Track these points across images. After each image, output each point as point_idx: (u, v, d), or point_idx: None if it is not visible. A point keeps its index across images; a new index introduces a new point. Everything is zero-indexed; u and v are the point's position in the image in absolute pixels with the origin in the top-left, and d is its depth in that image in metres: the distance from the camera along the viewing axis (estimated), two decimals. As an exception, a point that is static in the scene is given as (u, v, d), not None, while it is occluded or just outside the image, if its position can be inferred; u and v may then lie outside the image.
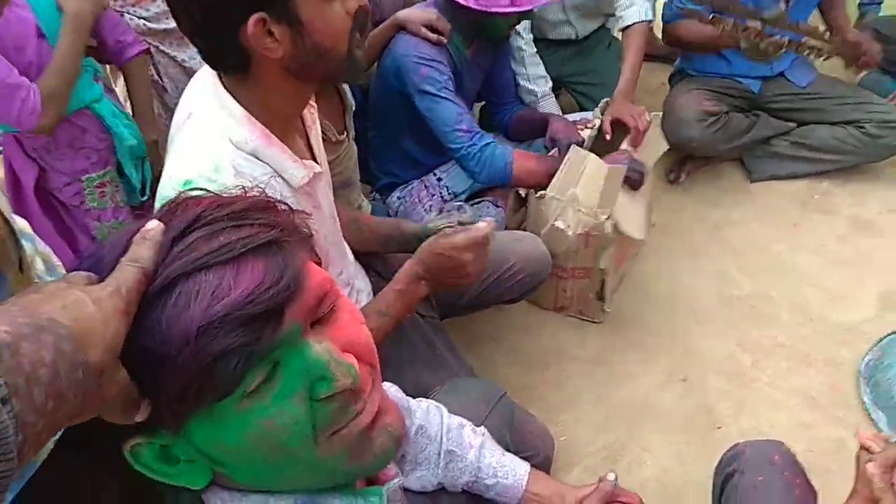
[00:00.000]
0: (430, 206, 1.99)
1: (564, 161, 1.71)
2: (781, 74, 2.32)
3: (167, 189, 0.98)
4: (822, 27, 2.19)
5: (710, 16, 2.03)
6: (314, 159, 1.14)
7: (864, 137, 2.24)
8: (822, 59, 2.21)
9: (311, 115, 1.18)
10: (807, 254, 2.16)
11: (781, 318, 1.97)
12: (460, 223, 1.28)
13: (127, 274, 0.45)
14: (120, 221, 1.41)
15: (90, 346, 0.40)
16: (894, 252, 2.14)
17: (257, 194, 0.55)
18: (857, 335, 1.90)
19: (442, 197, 2.02)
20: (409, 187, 2.08)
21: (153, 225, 0.48)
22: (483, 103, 2.30)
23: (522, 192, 1.80)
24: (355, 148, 1.76)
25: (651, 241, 2.18)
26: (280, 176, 1.00)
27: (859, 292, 2.03)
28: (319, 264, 0.56)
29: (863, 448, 1.08)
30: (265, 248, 0.49)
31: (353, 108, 1.67)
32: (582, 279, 1.80)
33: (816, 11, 2.33)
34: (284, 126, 1.05)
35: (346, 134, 1.68)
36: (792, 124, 2.36)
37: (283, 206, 0.55)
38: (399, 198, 2.08)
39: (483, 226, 1.17)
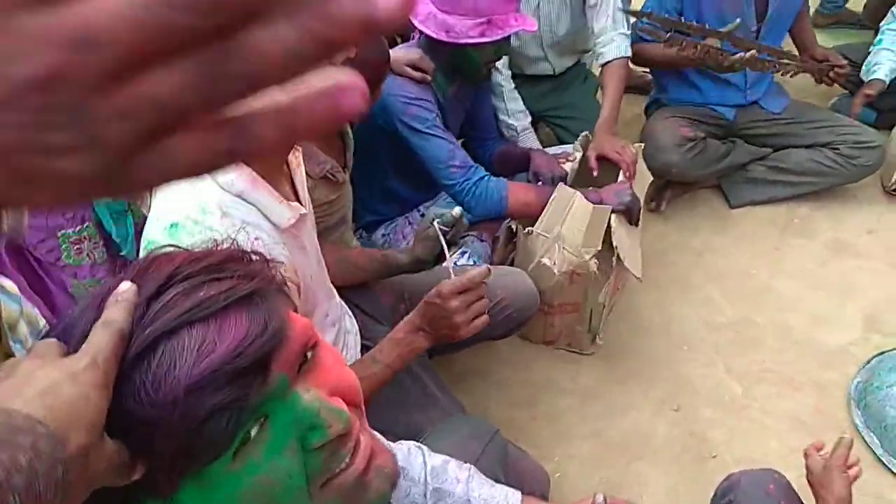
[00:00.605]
0: (415, 242, 1.99)
1: (551, 198, 1.73)
2: (755, 103, 2.37)
3: (154, 232, 0.97)
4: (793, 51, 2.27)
5: (668, 35, 2.07)
6: (299, 201, 1.14)
7: (840, 159, 2.29)
8: (789, 75, 2.27)
9: (296, 157, 1.18)
10: (788, 278, 2.18)
11: (767, 342, 1.98)
12: (439, 225, 1.29)
13: (102, 340, 0.44)
14: (98, 279, 1.39)
15: (72, 430, 0.39)
16: (876, 273, 2.17)
17: (230, 247, 0.54)
18: (843, 357, 1.91)
19: (426, 233, 2.01)
20: (394, 224, 2.08)
21: (126, 286, 0.47)
22: (463, 139, 2.32)
23: (514, 226, 1.81)
24: (350, 186, 1.77)
25: (633, 273, 2.20)
26: (266, 217, 0.99)
27: (843, 315, 2.04)
28: (296, 311, 0.56)
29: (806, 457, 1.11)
30: (246, 299, 0.48)
31: (353, 147, 1.68)
32: (570, 314, 1.80)
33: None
34: (270, 169, 1.05)
35: (346, 172, 1.69)
36: (768, 149, 2.41)
37: (257, 257, 0.54)
38: (384, 235, 2.08)
39: (475, 272, 1.16)
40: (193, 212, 0.95)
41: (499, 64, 2.21)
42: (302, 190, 1.19)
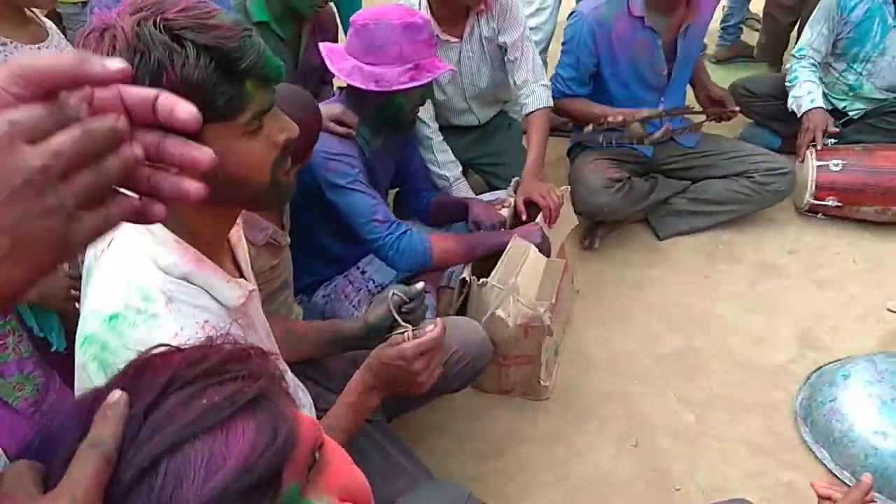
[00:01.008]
0: (358, 300, 1.95)
1: (507, 250, 1.73)
2: (672, 139, 2.48)
3: (91, 326, 0.89)
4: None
5: (601, 139, 2.22)
6: (243, 277, 1.09)
7: (755, 186, 2.41)
8: (700, 128, 2.41)
9: (237, 232, 1.13)
10: (723, 303, 2.25)
11: (712, 368, 2.03)
12: (400, 314, 1.25)
13: (83, 470, 0.39)
14: (27, 374, 1.27)
15: None
16: (801, 291, 2.28)
17: (227, 343, 0.50)
18: (785, 376, 1.98)
19: (368, 290, 1.98)
20: (334, 284, 2.03)
21: (116, 396, 0.42)
22: (397, 190, 2.31)
23: (467, 276, 1.80)
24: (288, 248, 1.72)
25: (579, 308, 2.23)
26: (215, 299, 0.93)
27: (778, 334, 2.12)
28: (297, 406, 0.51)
29: (822, 498, 1.10)
30: (252, 403, 0.44)
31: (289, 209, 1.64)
32: (525, 365, 1.79)
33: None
34: (213, 247, 0.99)
35: (285, 234, 1.65)
36: (687, 182, 2.51)
37: (254, 351, 0.50)
38: (324, 296, 2.02)
39: (431, 332, 1.13)
40: (135, 300, 0.87)
41: (425, 117, 2.24)
42: (245, 265, 1.14)
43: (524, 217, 1.97)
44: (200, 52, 0.77)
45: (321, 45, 1.88)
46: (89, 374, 0.85)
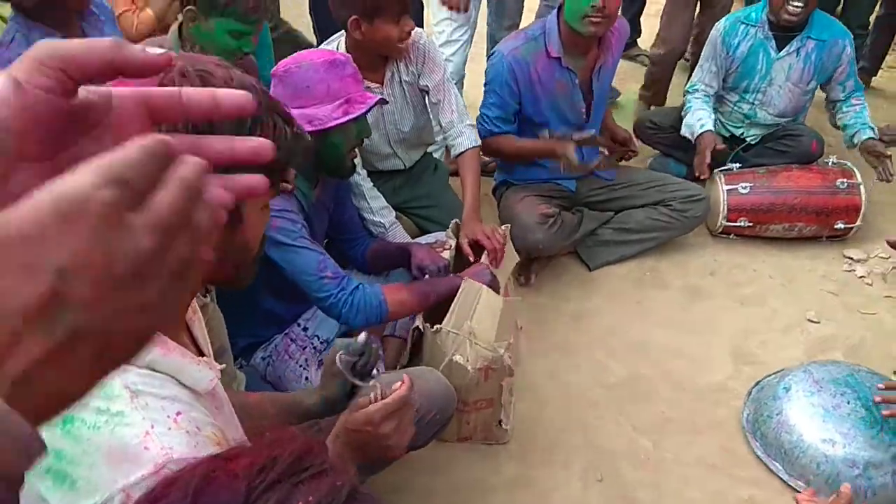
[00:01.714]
0: (305, 359, 1.85)
1: (459, 293, 1.70)
2: (592, 173, 2.56)
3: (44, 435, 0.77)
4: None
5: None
6: (202, 353, 0.99)
7: (674, 213, 2.53)
8: (614, 164, 2.52)
9: (193, 304, 1.04)
10: (658, 328, 2.32)
11: (659, 392, 2.07)
12: (354, 373, 1.18)
13: None
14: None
15: None
16: (728, 310, 2.38)
17: (285, 432, 0.44)
18: (726, 393, 2.05)
19: (314, 347, 1.88)
20: (273, 344, 1.92)
21: None
22: (328, 241, 2.24)
23: (420, 324, 1.74)
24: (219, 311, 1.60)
25: (524, 345, 2.22)
26: (183, 385, 0.83)
27: (713, 353, 2.21)
28: None
29: None
30: (351, 498, 0.38)
31: None
32: (485, 409, 1.76)
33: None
34: (174, 327, 0.90)
35: (208, 296, 1.53)
36: (611, 213, 2.60)
37: (311, 433, 0.44)
38: (264, 358, 1.91)
39: (398, 390, 1.08)
40: (93, 399, 0.77)
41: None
42: (203, 340, 1.04)
43: (472, 258, 1.95)
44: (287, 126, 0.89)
45: None
46: (41, 491, 0.73)
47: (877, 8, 3.46)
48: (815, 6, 2.52)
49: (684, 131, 2.69)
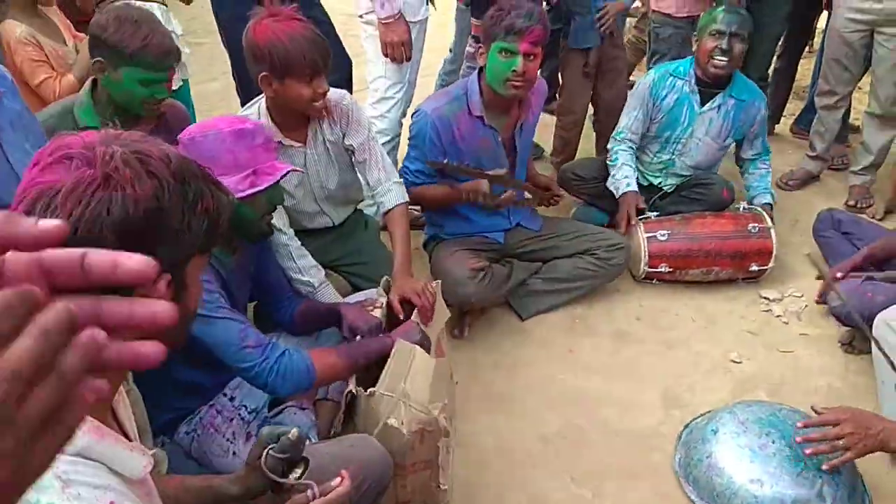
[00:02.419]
0: (232, 432, 1.78)
1: (392, 355, 1.68)
2: (518, 224, 2.62)
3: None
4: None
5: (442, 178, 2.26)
6: (127, 436, 0.94)
7: (598, 262, 2.60)
8: (536, 204, 2.57)
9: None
10: (589, 375, 2.36)
11: (594, 441, 2.09)
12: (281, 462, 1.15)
13: None
14: None
15: None
16: (655, 355, 2.45)
17: None
18: (658, 438, 2.09)
19: (242, 418, 1.81)
20: (198, 417, 1.83)
21: None
22: (256, 303, 2.19)
23: (353, 388, 1.70)
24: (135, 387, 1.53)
25: (460, 399, 2.21)
26: (115, 473, 0.79)
27: (644, 398, 2.25)
28: None
29: None
30: None
31: None
32: (423, 471, 1.72)
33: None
34: (102, 411, 0.86)
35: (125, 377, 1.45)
36: (539, 263, 2.65)
37: None
38: (188, 432, 1.82)
39: (338, 488, 1.06)
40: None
41: (280, 224, 2.17)
42: (129, 423, 0.99)
43: (401, 317, 1.94)
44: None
45: None
46: None
47: (774, 60, 3.72)
48: (740, 63, 2.70)
49: (610, 184, 2.81)
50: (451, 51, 3.78)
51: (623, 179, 2.79)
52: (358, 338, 1.85)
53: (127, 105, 1.94)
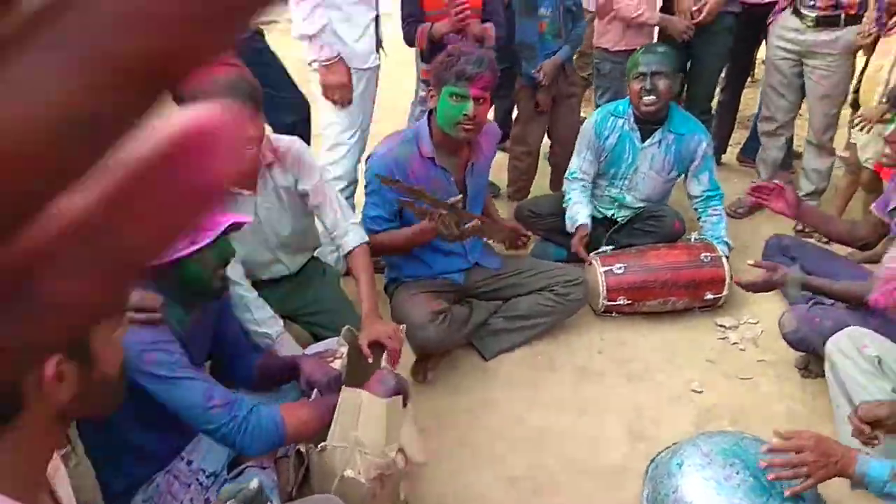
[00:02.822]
0: (190, 498, 1.71)
1: (339, 404, 1.64)
2: (477, 264, 2.63)
3: None
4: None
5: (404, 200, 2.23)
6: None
7: (557, 298, 2.61)
8: (496, 240, 2.59)
9: (55, 458, 0.95)
10: (554, 412, 2.35)
11: (562, 481, 2.08)
12: None
13: None
14: None
15: None
16: (617, 388, 2.46)
17: None
18: (625, 474, 2.09)
19: (200, 483, 1.75)
20: (154, 484, 1.76)
21: None
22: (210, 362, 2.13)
23: (302, 447, 1.66)
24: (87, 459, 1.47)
25: (424, 446, 2.17)
26: None
27: (608, 433, 2.25)
28: None
29: None
30: None
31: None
32: (388, 517, 1.69)
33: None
34: (32, 487, 0.82)
35: (69, 445, 1.40)
36: (499, 302, 2.65)
37: None
38: (145, 501, 1.75)
39: None
40: None
41: (235, 276, 2.13)
42: (68, 500, 0.95)
43: (370, 360, 1.91)
44: None
45: None
46: None
47: (717, 93, 3.85)
48: (669, 100, 2.79)
49: (567, 223, 2.89)
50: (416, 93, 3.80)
51: (576, 216, 2.88)
52: (315, 392, 1.82)
53: None
